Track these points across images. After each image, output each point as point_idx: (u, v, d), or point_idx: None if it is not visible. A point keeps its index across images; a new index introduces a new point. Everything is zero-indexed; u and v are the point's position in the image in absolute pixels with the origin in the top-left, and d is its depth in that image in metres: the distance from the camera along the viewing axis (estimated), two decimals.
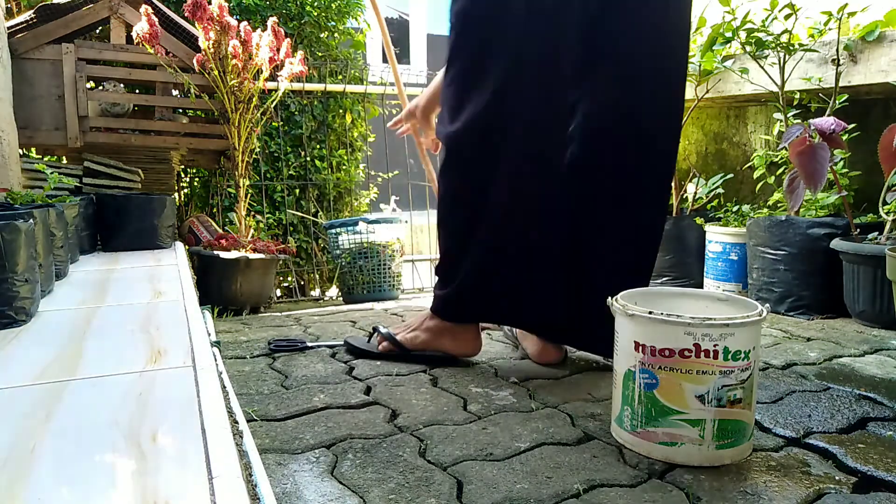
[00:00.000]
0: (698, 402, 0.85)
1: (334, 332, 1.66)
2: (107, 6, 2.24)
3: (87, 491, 0.54)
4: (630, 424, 0.91)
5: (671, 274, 2.27)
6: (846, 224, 1.75)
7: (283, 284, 3.11)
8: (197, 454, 0.60)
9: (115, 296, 1.32)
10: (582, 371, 1.30)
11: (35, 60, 2.14)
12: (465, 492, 0.80)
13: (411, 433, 0.98)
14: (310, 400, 1.12)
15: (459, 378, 1.25)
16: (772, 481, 0.83)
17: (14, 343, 0.96)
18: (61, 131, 2.18)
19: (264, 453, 0.90)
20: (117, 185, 2.25)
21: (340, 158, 3.15)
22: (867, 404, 1.11)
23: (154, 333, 1.01)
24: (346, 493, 0.80)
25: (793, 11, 1.84)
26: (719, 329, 0.84)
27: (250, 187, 2.67)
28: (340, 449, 0.93)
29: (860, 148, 1.97)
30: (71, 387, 0.78)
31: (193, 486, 0.54)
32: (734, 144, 2.51)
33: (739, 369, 0.85)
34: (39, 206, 1.35)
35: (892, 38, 1.76)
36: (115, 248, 2.00)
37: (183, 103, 2.49)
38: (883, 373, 1.27)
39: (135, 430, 0.65)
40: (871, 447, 0.93)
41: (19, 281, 1.05)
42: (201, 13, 2.07)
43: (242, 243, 2.33)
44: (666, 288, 1.32)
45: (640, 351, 0.88)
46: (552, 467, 0.87)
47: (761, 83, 2.02)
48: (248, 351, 1.46)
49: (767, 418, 1.04)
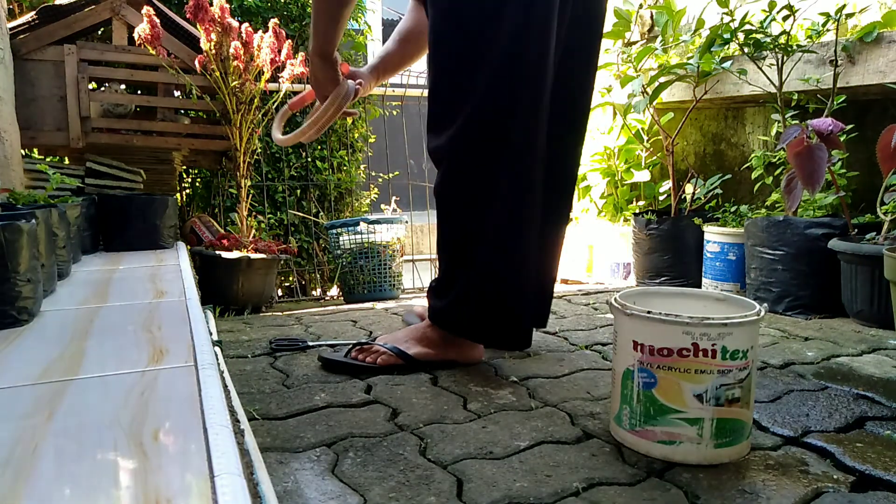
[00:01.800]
0: (696, 402, 0.86)
1: (335, 331, 1.66)
2: (109, 7, 2.24)
3: (90, 490, 0.54)
4: (629, 423, 0.92)
5: (669, 274, 2.28)
6: (844, 224, 1.75)
7: (284, 284, 3.12)
8: (199, 453, 0.60)
9: (118, 295, 1.32)
10: (581, 370, 1.30)
11: (37, 61, 2.14)
12: (465, 490, 0.81)
13: (412, 432, 0.99)
14: (311, 399, 1.13)
15: (459, 377, 1.25)
16: (770, 480, 0.84)
17: (16, 342, 0.97)
18: (63, 132, 2.18)
19: (266, 452, 0.91)
20: (119, 186, 2.26)
21: (341, 159, 3.16)
22: (865, 403, 1.11)
23: (156, 333, 1.02)
24: (346, 491, 0.81)
25: (791, 13, 1.85)
26: (717, 329, 0.84)
27: (252, 188, 2.68)
28: (341, 447, 0.93)
29: (858, 148, 1.98)
30: (73, 386, 0.78)
31: (195, 485, 0.54)
32: (732, 145, 2.51)
33: (737, 369, 0.86)
34: (42, 207, 1.36)
35: (890, 39, 1.77)
36: (118, 248, 2.01)
37: (185, 104, 2.50)
38: (881, 372, 1.28)
39: (137, 429, 0.65)
40: (868, 446, 0.94)
41: (21, 281, 1.06)
42: (203, 15, 2.08)
43: (244, 243, 2.34)
44: (664, 288, 1.33)
45: (639, 350, 0.89)
46: (551, 466, 0.88)
47: (759, 84, 2.03)
48: (250, 350, 1.46)
49: (765, 417, 1.05)
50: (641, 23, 2.76)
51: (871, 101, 2.02)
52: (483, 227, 1.23)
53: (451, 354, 1.32)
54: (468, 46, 1.19)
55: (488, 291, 1.26)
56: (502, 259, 1.24)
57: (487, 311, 1.27)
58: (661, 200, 2.61)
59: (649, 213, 2.35)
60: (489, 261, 1.24)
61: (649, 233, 2.29)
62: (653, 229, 2.28)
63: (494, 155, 1.20)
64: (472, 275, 1.25)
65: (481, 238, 1.23)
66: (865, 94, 1.95)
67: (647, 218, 2.31)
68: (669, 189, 2.43)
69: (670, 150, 2.33)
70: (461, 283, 1.27)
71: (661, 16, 2.51)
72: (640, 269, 2.39)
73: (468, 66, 1.19)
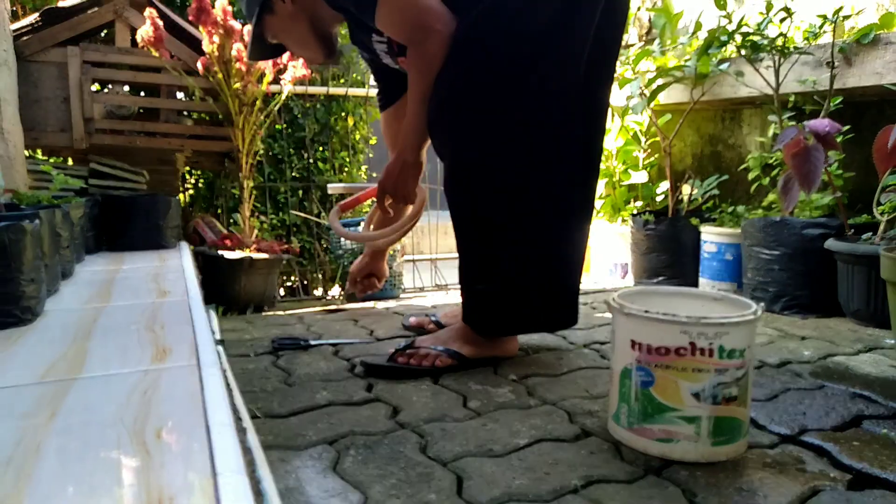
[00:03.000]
0: (694, 400, 0.87)
1: (337, 330, 1.67)
2: (112, 9, 2.25)
3: (93, 488, 0.54)
4: (627, 421, 0.93)
5: (667, 273, 2.28)
6: (840, 224, 1.76)
7: (286, 284, 3.13)
8: (201, 451, 0.60)
9: (121, 295, 1.33)
10: (580, 369, 1.31)
11: (40, 63, 2.15)
12: (465, 487, 0.82)
13: (412, 430, 1.00)
14: (313, 397, 1.14)
15: (459, 375, 1.26)
16: (767, 478, 0.85)
17: (20, 342, 0.97)
18: (67, 133, 2.19)
19: (268, 450, 0.91)
20: (123, 186, 2.27)
21: (343, 161, 3.16)
22: (861, 402, 1.12)
23: (159, 332, 1.02)
24: (348, 488, 0.82)
25: (788, 15, 1.85)
26: (714, 328, 0.85)
27: (254, 189, 2.69)
28: (343, 445, 0.94)
29: (854, 149, 1.98)
30: (76, 385, 0.79)
31: (198, 483, 0.55)
32: (729, 147, 2.52)
33: (734, 367, 0.87)
34: (45, 207, 1.37)
35: (886, 41, 1.78)
36: (121, 248, 2.02)
37: (188, 106, 2.51)
38: (877, 371, 1.29)
39: (139, 428, 0.66)
40: (865, 445, 0.94)
41: (25, 280, 1.06)
42: (205, 17, 2.09)
43: (246, 243, 2.35)
44: (662, 287, 1.34)
45: (637, 349, 0.90)
46: (550, 463, 0.89)
47: (756, 86, 2.04)
48: (252, 349, 1.47)
49: (763, 416, 1.05)
50: (639, 25, 2.76)
51: (868, 103, 2.03)
52: (516, 221, 1.26)
53: (496, 351, 1.35)
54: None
55: (524, 288, 1.30)
56: (536, 255, 1.28)
57: (525, 306, 1.32)
58: (659, 201, 2.62)
59: (647, 214, 2.36)
60: (525, 254, 1.28)
61: (647, 233, 2.30)
62: (650, 229, 2.29)
63: (527, 150, 1.23)
64: (508, 271, 1.28)
65: (513, 234, 1.27)
66: (862, 96, 1.96)
67: (645, 218, 2.32)
68: (667, 190, 2.43)
69: (668, 151, 2.34)
70: (496, 282, 1.29)
71: (659, 18, 2.52)
72: (637, 269, 2.40)
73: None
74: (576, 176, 1.31)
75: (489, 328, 1.33)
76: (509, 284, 1.30)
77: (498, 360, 1.35)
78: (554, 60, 1.21)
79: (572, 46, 1.22)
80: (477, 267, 1.31)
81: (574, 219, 1.35)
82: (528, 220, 1.27)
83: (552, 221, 1.29)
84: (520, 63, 1.19)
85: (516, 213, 1.26)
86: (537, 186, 1.26)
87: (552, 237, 1.31)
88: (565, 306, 1.39)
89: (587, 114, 1.29)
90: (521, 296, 1.31)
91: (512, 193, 1.25)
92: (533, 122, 1.22)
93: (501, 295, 1.30)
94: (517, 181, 1.25)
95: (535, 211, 1.27)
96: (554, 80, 1.22)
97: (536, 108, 1.22)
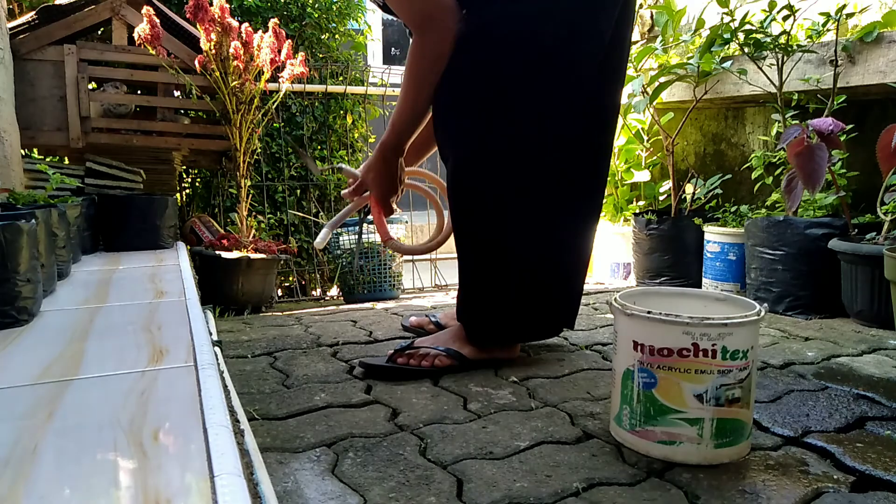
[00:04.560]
0: (696, 402, 0.86)
1: (335, 331, 1.66)
2: (108, 7, 2.24)
3: (90, 490, 0.54)
4: (629, 423, 0.92)
5: (669, 274, 2.28)
6: (844, 224, 1.75)
7: (284, 284, 3.12)
8: (198, 453, 0.60)
9: (117, 295, 1.32)
10: (581, 370, 1.30)
11: (37, 61, 2.14)
12: (465, 490, 0.81)
13: (412, 432, 0.99)
14: (311, 399, 1.13)
15: (459, 377, 1.25)
16: (770, 480, 0.84)
17: (16, 343, 0.97)
18: (63, 132, 2.18)
19: (265, 452, 0.91)
20: (119, 186, 2.25)
21: (341, 159, 3.15)
22: (865, 403, 1.11)
23: (156, 333, 1.02)
24: (346, 491, 0.81)
25: (791, 13, 1.84)
26: (717, 329, 0.84)
27: (252, 188, 2.68)
28: (341, 447, 0.93)
29: (858, 148, 1.97)
30: (73, 386, 0.78)
31: (195, 485, 0.54)
32: (732, 145, 2.51)
33: (737, 369, 0.86)
34: (41, 207, 1.36)
35: (890, 39, 1.77)
36: (117, 248, 2.01)
37: (185, 104, 2.50)
38: (881, 372, 1.28)
39: (136, 429, 0.65)
40: (869, 446, 0.94)
41: (21, 281, 1.05)
42: (203, 14, 2.08)
43: (244, 243, 2.34)
44: (664, 288, 1.33)
45: (639, 350, 0.89)
46: (551, 466, 0.88)
47: (760, 84, 2.03)
48: (250, 350, 1.46)
49: (766, 417, 1.05)
50: (641, 23, 2.75)
51: (872, 101, 2.02)
52: (519, 225, 1.25)
53: (496, 354, 1.34)
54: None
55: (526, 295, 1.29)
56: (538, 259, 1.27)
57: (526, 315, 1.32)
58: (661, 200, 2.61)
59: (649, 213, 2.35)
60: (528, 258, 1.27)
61: (649, 233, 2.29)
62: (653, 229, 2.28)
63: (530, 151, 1.22)
64: (510, 277, 1.27)
65: (517, 238, 1.26)
66: (866, 94, 1.95)
67: (648, 218, 2.31)
68: (669, 189, 2.43)
69: (670, 150, 2.33)
70: (497, 294, 1.28)
71: (661, 16, 2.51)
72: (640, 269, 2.39)
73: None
74: (584, 179, 1.30)
75: (487, 336, 1.32)
76: (511, 291, 1.28)
77: (499, 361, 1.34)
78: (567, 61, 1.19)
79: (588, 47, 1.20)
80: (477, 271, 1.30)
81: (581, 223, 1.34)
82: (533, 223, 1.26)
83: (558, 225, 1.28)
84: (530, 64, 1.18)
85: (521, 218, 1.25)
86: (543, 190, 1.25)
87: (558, 242, 1.29)
88: (566, 311, 1.39)
89: (597, 116, 1.28)
90: (522, 303, 1.29)
91: (517, 196, 1.24)
92: (541, 125, 1.21)
93: (502, 302, 1.28)
94: (522, 184, 1.23)
95: (540, 215, 1.25)
96: (565, 81, 1.20)
97: (545, 110, 1.20)
